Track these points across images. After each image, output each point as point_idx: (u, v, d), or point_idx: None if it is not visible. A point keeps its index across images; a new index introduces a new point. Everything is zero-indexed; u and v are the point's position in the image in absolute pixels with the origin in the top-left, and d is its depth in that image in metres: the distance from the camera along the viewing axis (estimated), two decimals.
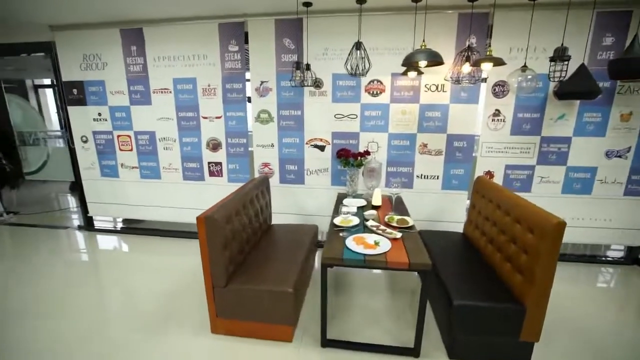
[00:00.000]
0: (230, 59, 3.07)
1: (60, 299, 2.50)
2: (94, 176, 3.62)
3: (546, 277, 1.68)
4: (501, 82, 2.78)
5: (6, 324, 2.22)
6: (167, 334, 2.11)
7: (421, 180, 3.08)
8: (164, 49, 3.13)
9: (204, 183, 3.42)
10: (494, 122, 2.87)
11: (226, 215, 2.01)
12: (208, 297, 2.04)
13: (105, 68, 3.27)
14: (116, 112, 3.38)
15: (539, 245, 1.69)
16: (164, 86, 3.23)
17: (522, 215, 1.89)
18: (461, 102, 2.85)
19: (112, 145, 3.49)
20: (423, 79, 2.84)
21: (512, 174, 2.96)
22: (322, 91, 3.00)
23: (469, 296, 1.84)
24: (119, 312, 2.36)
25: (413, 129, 2.97)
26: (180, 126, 3.31)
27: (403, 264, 1.76)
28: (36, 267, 3.00)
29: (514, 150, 2.90)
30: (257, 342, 2.04)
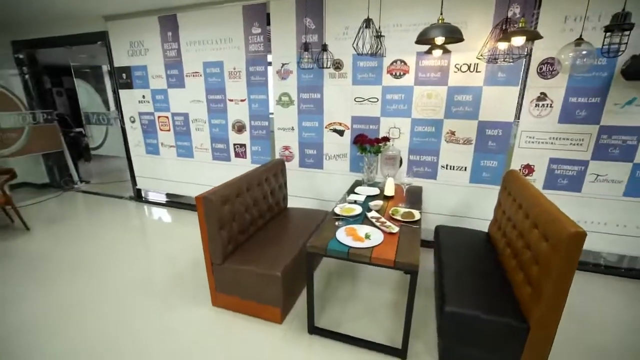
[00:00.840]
0: (254, 41, 3.08)
1: (97, 257, 2.89)
2: (140, 153, 4.04)
3: (556, 296, 1.42)
4: (550, 59, 2.34)
5: (50, 271, 2.66)
6: (176, 302, 2.31)
7: (446, 171, 2.80)
8: (194, 33, 3.27)
9: (230, 164, 3.58)
10: (538, 107, 2.45)
11: (224, 196, 2.08)
12: (208, 272, 2.17)
13: (147, 54, 3.55)
14: (156, 94, 3.68)
15: (551, 257, 1.43)
16: (195, 70, 3.39)
17: (540, 219, 1.61)
18: (498, 84, 2.48)
19: (154, 125, 3.83)
20: (452, 58, 2.53)
21: (557, 170, 2.53)
22: (342, 73, 2.86)
23: (466, 303, 1.66)
24: (142, 274, 2.64)
25: (439, 114, 2.69)
26: (210, 108, 3.48)
27: (388, 261, 1.64)
28: (89, 229, 3.51)
29: (562, 141, 2.46)
30: (250, 319, 2.13)
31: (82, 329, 2.05)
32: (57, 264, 2.80)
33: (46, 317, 2.16)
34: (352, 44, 2.11)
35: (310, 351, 1.88)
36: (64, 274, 2.66)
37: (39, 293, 2.41)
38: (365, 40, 2.05)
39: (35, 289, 2.46)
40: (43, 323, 2.11)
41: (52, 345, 1.93)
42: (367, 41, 2.05)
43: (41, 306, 2.27)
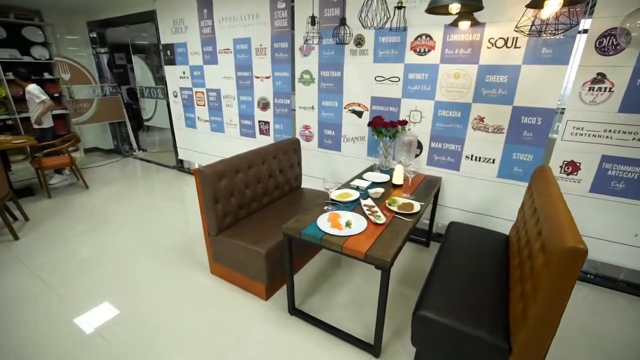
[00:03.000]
0: (279, 17, 3.02)
1: (135, 217, 3.26)
2: (181, 126, 4.36)
3: (544, 320, 1.19)
4: (613, 30, 1.86)
5: (99, 224, 3.07)
6: (181, 266, 2.50)
7: (471, 162, 2.48)
8: (226, 10, 3.32)
9: (255, 140, 3.66)
10: (593, 92, 1.99)
11: (220, 171, 2.13)
12: (206, 242, 2.29)
13: (187, 31, 3.73)
14: (194, 71, 3.88)
15: (542, 273, 1.19)
16: (226, 47, 3.48)
17: (545, 225, 1.34)
18: (541, 63, 2.07)
19: (192, 100, 4.07)
20: (486, 31, 2.16)
21: (612, 170, 2.06)
22: (364, 49, 2.66)
23: (444, 310, 1.48)
24: (163, 237, 2.91)
25: (467, 97, 2.36)
26: (239, 85, 3.56)
27: (359, 253, 1.54)
28: (135, 192, 3.96)
29: (622, 135, 1.98)
30: (239, 291, 2.21)
31: (115, 276, 2.36)
32: (105, 220, 3.23)
33: (91, 261, 2.53)
34: (358, 16, 1.93)
35: (287, 331, 1.89)
36: (110, 228, 3.07)
37: (86, 242, 2.83)
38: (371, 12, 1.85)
39: (85, 239, 2.88)
40: (89, 266, 2.47)
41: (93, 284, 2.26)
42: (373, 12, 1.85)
43: (88, 253, 2.66)
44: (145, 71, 4.70)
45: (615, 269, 2.34)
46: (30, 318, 1.97)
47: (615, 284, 2.33)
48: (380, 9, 1.84)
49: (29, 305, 2.08)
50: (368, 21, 1.89)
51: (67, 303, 2.09)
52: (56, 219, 3.23)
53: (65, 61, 4.66)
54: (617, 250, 2.18)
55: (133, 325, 1.92)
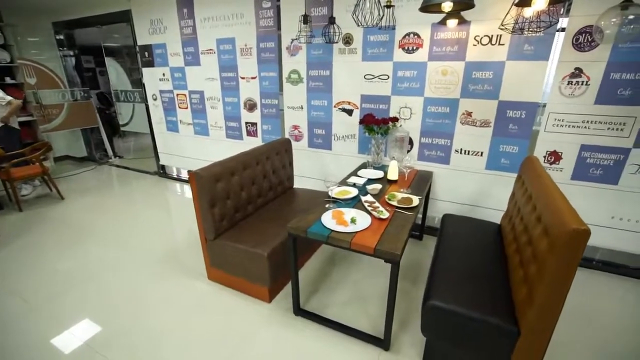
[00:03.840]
0: (264, 16, 2.99)
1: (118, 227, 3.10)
2: (162, 130, 4.20)
3: (551, 301, 1.25)
4: (588, 28, 1.99)
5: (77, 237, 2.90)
6: (177, 273, 2.42)
7: (460, 155, 2.58)
8: (208, 9, 3.24)
9: (242, 142, 3.60)
10: (571, 85, 2.13)
11: (216, 173, 2.08)
12: (202, 247, 2.22)
13: (166, 32, 3.61)
14: (175, 72, 3.76)
15: (547, 256, 1.25)
16: (209, 47, 3.39)
17: (545, 212, 1.41)
18: (524, 59, 2.18)
19: (173, 103, 3.94)
20: (472, 29, 2.25)
21: (590, 158, 2.21)
22: (352, 48, 2.69)
23: (452, 298, 1.53)
24: (154, 245, 2.79)
25: (455, 93, 2.45)
26: (223, 86, 3.49)
27: (367, 248, 1.55)
28: (115, 201, 3.77)
29: (599, 125, 2.13)
30: (240, 295, 2.17)
31: (98, 291, 2.22)
32: (84, 232, 3.04)
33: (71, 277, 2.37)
34: (352, 15, 1.95)
35: (294, 332, 1.87)
36: (90, 240, 2.89)
37: (65, 256, 2.65)
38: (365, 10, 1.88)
39: (63, 253, 2.70)
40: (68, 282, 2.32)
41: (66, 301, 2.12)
42: (366, 11, 1.87)
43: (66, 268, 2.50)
44: (121, 74, 4.49)
45: (592, 249, 2.50)
46: (10, 341, 1.83)
47: (591, 263, 2.50)
48: (375, 7, 1.86)
49: (7, 327, 1.93)
50: (362, 20, 1.91)
51: (52, 322, 1.96)
52: (31, 234, 3.01)
53: (31, 64, 4.36)
54: (595, 232, 2.31)
55: (132, 341, 1.82)
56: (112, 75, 4.55)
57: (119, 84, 4.57)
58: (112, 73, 4.52)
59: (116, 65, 4.49)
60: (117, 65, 4.48)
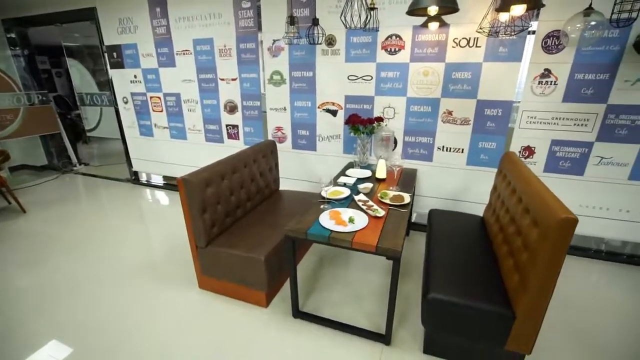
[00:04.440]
0: (244, 16, 2.94)
1: (91, 239, 2.91)
2: (135, 134, 3.99)
3: (543, 285, 1.35)
4: (556, 32, 2.16)
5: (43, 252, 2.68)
6: (164, 284, 2.31)
7: (443, 153, 2.69)
8: (183, 8, 3.13)
9: (223, 146, 3.51)
10: (542, 85, 2.29)
11: (206, 178, 2.02)
12: (193, 255, 2.14)
13: (137, 31, 3.43)
14: (148, 74, 3.59)
15: (539, 244, 1.35)
16: (185, 48, 3.28)
17: (531, 203, 1.52)
18: (499, 60, 2.32)
19: (147, 106, 3.75)
20: (451, 31, 2.36)
21: (559, 152, 2.40)
22: (335, 49, 2.72)
23: (450, 290, 1.60)
24: (134, 256, 2.64)
25: (436, 93, 2.55)
26: (201, 88, 3.38)
27: (369, 246, 1.58)
28: (85, 211, 3.53)
29: (566, 121, 2.32)
30: (235, 302, 2.12)
31: (70, 309, 2.07)
32: (51, 246, 2.82)
33: (37, 296, 2.18)
34: (340, 17, 1.97)
35: (295, 335, 1.86)
36: (58, 255, 2.68)
37: (31, 274, 2.44)
38: (353, 12, 1.91)
39: (29, 270, 2.48)
40: (33, 302, 2.13)
41: (39, 323, 1.95)
42: (355, 13, 1.90)
43: (32, 286, 2.30)
44: (85, 76, 4.20)
45: None
46: None
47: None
48: (362, 9, 1.90)
49: None
50: (349, 21, 1.94)
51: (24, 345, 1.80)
52: None
53: None
54: None
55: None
56: (75, 77, 4.25)
57: (84, 86, 4.27)
58: (75, 75, 4.22)
59: (79, 67, 4.19)
60: (80, 67, 4.19)
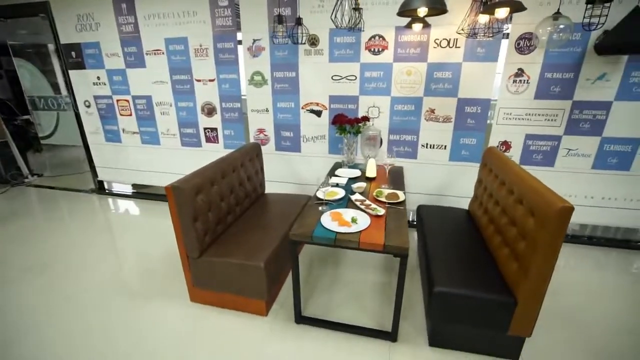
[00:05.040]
0: (221, 15, 2.82)
1: (58, 257, 2.63)
2: (100, 141, 3.68)
3: (543, 271, 1.43)
4: (527, 34, 2.32)
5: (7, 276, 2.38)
6: (150, 301, 2.15)
7: (426, 150, 2.78)
8: (153, 6, 2.94)
9: (201, 149, 3.35)
10: (516, 83, 2.45)
11: (197, 185, 1.91)
12: (184, 267, 2.02)
13: (99, 29, 3.17)
14: (114, 75, 3.32)
15: (537, 232, 1.43)
16: (156, 47, 3.08)
17: (525, 195, 1.61)
18: (477, 60, 2.45)
19: (113, 110, 3.48)
20: (432, 33, 2.45)
21: (532, 145, 2.58)
22: (318, 49, 2.70)
23: (453, 282, 1.65)
24: (110, 273, 2.43)
25: (419, 92, 2.63)
26: (175, 90, 3.20)
27: (377, 245, 1.58)
28: (46, 227, 3.19)
29: (538, 117, 2.50)
30: (232, 313, 2.02)
31: (46, 336, 1.85)
32: (9, 269, 2.51)
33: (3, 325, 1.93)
34: (330, 16, 1.96)
35: (300, 342, 1.81)
36: (20, 279, 2.39)
37: None
38: (344, 13, 1.90)
39: None
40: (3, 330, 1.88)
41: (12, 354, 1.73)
42: (345, 13, 1.90)
43: None
44: (37, 77, 3.79)
45: None
46: None
47: None
48: (352, 10, 1.90)
49: None
50: (343, 22, 1.94)
51: None
52: None
53: None
54: None
55: None
56: (25, 79, 3.82)
57: (35, 88, 3.86)
58: (25, 76, 3.80)
59: (30, 67, 3.78)
60: (31, 67, 3.78)
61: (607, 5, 1.68)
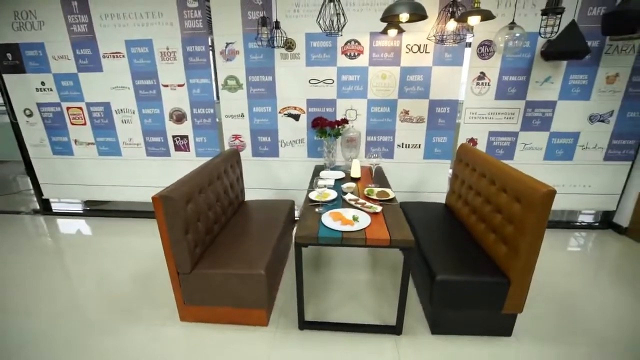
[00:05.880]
0: (190, 17, 2.70)
1: (15, 290, 2.26)
2: (45, 154, 3.25)
3: (532, 249, 1.59)
4: (487, 41, 2.58)
5: None
6: (133, 323, 1.94)
7: (402, 149, 2.92)
8: (111, 4, 2.71)
9: (170, 159, 3.14)
10: (479, 86, 2.70)
11: (187, 193, 1.79)
12: (173, 284, 1.86)
13: (43, 28, 2.82)
14: (62, 80, 2.97)
15: (525, 215, 1.58)
16: (115, 50, 2.83)
17: (509, 184, 1.77)
18: (445, 65, 2.65)
19: (62, 119, 3.10)
20: (404, 38, 2.60)
21: (495, 141, 2.85)
22: (295, 53, 2.71)
23: (451, 270, 1.75)
24: (79, 300, 2.15)
25: (393, 94, 2.77)
26: (139, 96, 2.96)
27: (383, 240, 1.62)
28: None
29: (498, 116, 2.77)
30: (230, 327, 1.91)
31: None
32: None
33: None
34: (316, 20, 1.99)
35: (307, 347, 1.77)
36: None
37: None
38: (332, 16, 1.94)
39: None
40: None
41: None
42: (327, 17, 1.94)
43: None
44: None
45: None
46: None
47: None
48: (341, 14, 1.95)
49: None
50: (324, 25, 1.97)
51: None
52: None
53: None
54: None
55: None
56: None
57: None
58: None
59: None
60: None
61: (558, 17, 1.94)
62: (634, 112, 2.71)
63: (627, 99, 2.68)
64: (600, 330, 1.88)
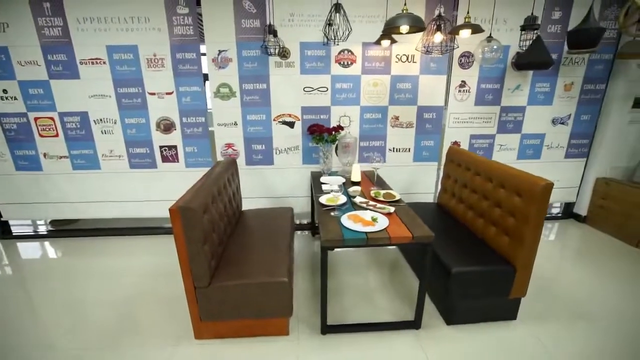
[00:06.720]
0: (180, 23, 2.62)
1: None
2: (6, 170, 2.90)
3: (534, 237, 1.77)
4: (467, 52, 2.83)
5: None
6: (141, 349, 1.80)
7: (393, 153, 3.06)
8: (89, 7, 2.53)
9: (156, 171, 2.97)
10: (460, 93, 2.94)
11: (203, 203, 1.73)
12: (189, 301, 1.76)
13: (7, 30, 2.55)
14: (29, 88, 2.70)
15: (526, 207, 1.76)
16: (95, 55, 2.64)
17: (506, 180, 1.95)
18: (430, 73, 2.85)
19: (28, 130, 2.80)
20: (394, 49, 2.76)
21: (475, 144, 3.11)
22: (289, 62, 2.74)
23: (464, 263, 1.88)
24: (66, 331, 1.94)
25: (384, 101, 2.91)
26: (121, 105, 2.78)
27: (406, 237, 1.70)
28: None
29: (478, 120, 3.03)
30: (250, 340, 1.85)
31: None
32: None
33: None
34: (322, 29, 2.05)
35: (334, 351, 1.77)
36: None
37: None
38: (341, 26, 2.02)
39: None
40: None
41: None
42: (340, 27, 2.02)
43: None
44: None
45: None
46: None
47: None
48: (343, 23, 2.03)
49: None
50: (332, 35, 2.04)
51: None
52: None
53: None
54: None
55: None
56: None
57: None
58: None
59: None
60: None
61: (535, 32, 2.21)
62: (586, 115, 3.13)
63: (580, 104, 3.08)
64: (579, 305, 2.13)
